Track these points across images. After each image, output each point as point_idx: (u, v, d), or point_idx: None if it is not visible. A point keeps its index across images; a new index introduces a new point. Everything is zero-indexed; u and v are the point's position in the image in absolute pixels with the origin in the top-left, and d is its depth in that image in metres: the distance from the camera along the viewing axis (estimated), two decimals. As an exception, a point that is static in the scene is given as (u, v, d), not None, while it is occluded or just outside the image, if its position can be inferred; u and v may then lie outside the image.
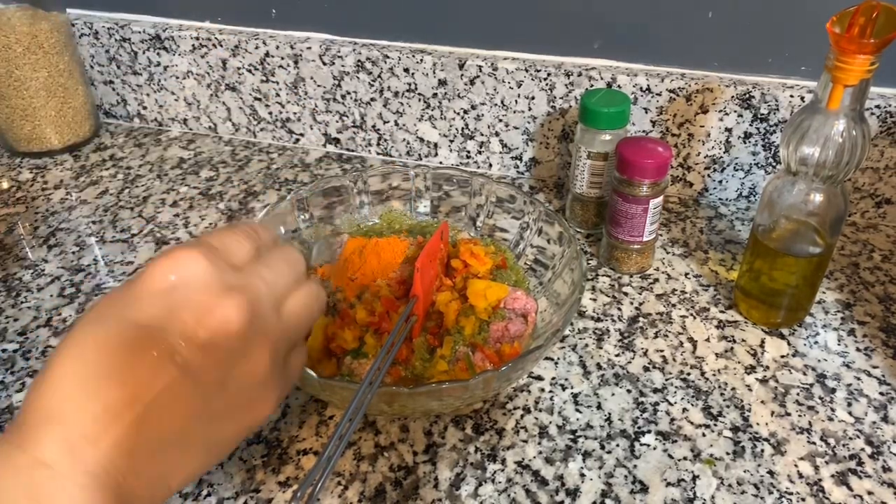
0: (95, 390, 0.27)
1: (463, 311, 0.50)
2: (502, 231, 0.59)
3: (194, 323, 0.29)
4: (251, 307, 0.30)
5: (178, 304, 0.29)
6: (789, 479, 0.44)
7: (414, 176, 0.60)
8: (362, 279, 0.53)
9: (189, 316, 0.29)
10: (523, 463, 0.45)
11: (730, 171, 0.68)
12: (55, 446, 0.26)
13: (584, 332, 0.55)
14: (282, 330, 0.33)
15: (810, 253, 0.51)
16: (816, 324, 0.56)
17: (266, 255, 0.34)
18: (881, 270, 0.61)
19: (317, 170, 0.76)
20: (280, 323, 0.33)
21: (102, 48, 0.80)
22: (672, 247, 0.64)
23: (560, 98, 0.68)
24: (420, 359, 0.48)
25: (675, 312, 0.57)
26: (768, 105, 0.64)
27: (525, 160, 0.74)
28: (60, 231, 0.67)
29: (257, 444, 0.47)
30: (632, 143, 0.56)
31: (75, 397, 0.27)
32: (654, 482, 0.44)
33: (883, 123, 0.62)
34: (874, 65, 0.42)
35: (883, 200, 0.66)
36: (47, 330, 0.56)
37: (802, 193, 0.49)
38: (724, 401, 0.49)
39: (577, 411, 0.49)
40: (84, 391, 0.27)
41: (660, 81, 0.65)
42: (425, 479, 0.44)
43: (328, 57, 0.73)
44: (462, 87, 0.70)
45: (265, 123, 0.80)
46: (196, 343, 0.29)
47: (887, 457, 0.46)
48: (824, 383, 0.51)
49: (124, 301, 0.29)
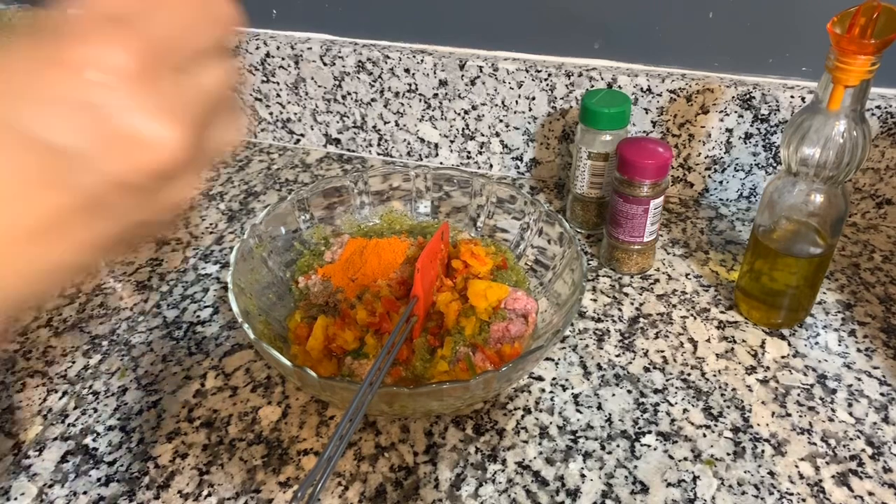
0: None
1: (463, 312, 0.50)
2: (503, 231, 0.59)
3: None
4: (143, 64, 0.23)
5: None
6: (790, 479, 0.44)
7: (414, 176, 0.60)
8: (363, 279, 0.53)
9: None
10: (524, 463, 0.45)
11: (730, 172, 0.68)
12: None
13: (585, 332, 0.55)
14: (193, 97, 0.26)
15: (811, 253, 0.51)
16: (817, 324, 0.56)
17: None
18: (882, 271, 0.61)
19: (317, 170, 0.76)
20: (189, 90, 0.26)
21: (103, 48, 0.80)
22: (672, 247, 0.64)
23: (561, 98, 0.68)
24: (420, 359, 0.48)
25: (676, 313, 0.57)
26: (769, 105, 0.64)
27: (526, 161, 0.74)
28: (61, 231, 0.67)
29: (258, 445, 0.47)
30: (632, 144, 0.56)
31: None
32: (655, 483, 0.44)
33: (883, 124, 0.62)
34: (875, 65, 0.42)
35: (883, 201, 0.66)
36: (48, 330, 0.56)
37: (803, 194, 0.49)
38: (725, 401, 0.49)
39: (578, 412, 0.49)
40: None
41: (660, 82, 0.65)
42: (426, 479, 0.44)
43: (329, 57, 0.73)
44: (463, 87, 0.70)
45: (266, 124, 0.80)
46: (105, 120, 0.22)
47: (888, 457, 0.46)
48: (825, 384, 0.51)
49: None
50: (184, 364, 0.53)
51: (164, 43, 0.24)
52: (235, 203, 0.71)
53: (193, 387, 0.51)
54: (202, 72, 0.27)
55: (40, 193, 0.22)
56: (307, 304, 0.53)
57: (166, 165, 0.24)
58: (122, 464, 0.46)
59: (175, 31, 0.25)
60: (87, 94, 0.22)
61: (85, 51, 0.22)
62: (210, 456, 0.46)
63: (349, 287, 0.53)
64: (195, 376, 0.52)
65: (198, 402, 0.50)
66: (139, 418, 0.49)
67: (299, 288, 0.55)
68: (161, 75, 0.24)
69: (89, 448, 0.47)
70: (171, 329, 0.56)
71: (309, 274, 0.55)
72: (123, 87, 0.23)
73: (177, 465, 0.45)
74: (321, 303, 0.53)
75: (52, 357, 0.53)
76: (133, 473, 0.45)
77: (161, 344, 0.55)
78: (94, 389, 0.51)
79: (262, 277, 0.53)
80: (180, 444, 0.47)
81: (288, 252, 0.57)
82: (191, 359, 0.53)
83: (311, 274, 0.55)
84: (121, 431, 0.48)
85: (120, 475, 0.45)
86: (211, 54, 0.28)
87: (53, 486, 0.44)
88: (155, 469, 0.45)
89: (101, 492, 0.44)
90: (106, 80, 0.22)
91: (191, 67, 0.26)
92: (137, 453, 0.46)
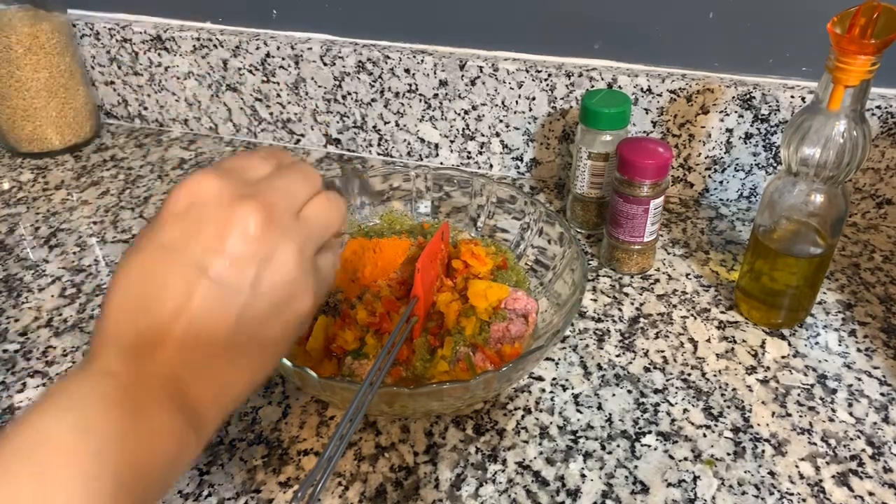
0: (143, 309, 0.30)
1: (464, 312, 0.50)
2: (503, 231, 0.59)
3: (215, 234, 0.31)
4: (266, 210, 0.32)
5: (197, 220, 0.32)
6: (790, 479, 0.44)
7: (415, 176, 0.60)
8: (363, 280, 0.53)
9: (209, 228, 0.31)
10: (524, 463, 0.45)
11: (730, 172, 0.68)
12: (116, 359, 0.29)
13: (585, 332, 0.55)
14: (304, 232, 0.34)
15: (811, 253, 0.51)
16: (817, 324, 0.56)
17: (280, 170, 0.36)
18: (882, 271, 0.61)
19: (317, 170, 0.76)
20: (301, 226, 0.34)
21: (103, 49, 0.80)
22: (673, 247, 0.64)
23: (561, 99, 0.68)
24: (421, 359, 0.48)
25: (676, 313, 0.57)
26: (769, 106, 0.64)
27: (526, 161, 0.74)
28: (61, 231, 0.67)
29: (258, 445, 0.47)
30: (632, 144, 0.56)
31: (126, 318, 0.30)
32: (655, 483, 0.44)
33: (884, 124, 0.62)
34: (875, 65, 0.42)
35: (884, 201, 0.66)
36: (48, 330, 0.56)
37: (803, 194, 0.49)
38: (725, 401, 0.49)
39: (578, 412, 0.49)
40: (133, 312, 0.30)
41: (660, 82, 0.65)
42: (426, 479, 0.44)
43: (329, 57, 0.73)
44: (463, 87, 0.70)
45: (266, 124, 0.80)
46: (220, 253, 0.31)
47: (888, 457, 0.46)
48: (825, 384, 0.51)
49: (153, 229, 0.32)
50: (184, 364, 0.53)
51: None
52: (236, 203, 0.71)
53: (194, 387, 0.51)
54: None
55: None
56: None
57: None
58: (123, 464, 0.46)
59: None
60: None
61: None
62: (210, 456, 0.46)
63: (349, 287, 0.53)
64: (195, 376, 0.52)
65: (198, 402, 0.50)
66: (139, 418, 0.49)
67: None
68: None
69: (89, 448, 0.47)
70: (172, 329, 0.56)
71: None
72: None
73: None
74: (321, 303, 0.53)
75: (52, 357, 0.54)
76: (133, 473, 0.45)
77: (161, 344, 0.54)
78: (95, 389, 0.51)
79: (263, 277, 0.53)
80: (180, 444, 0.47)
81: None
82: (191, 359, 0.53)
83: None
84: (121, 431, 0.48)
85: (120, 475, 0.45)
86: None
87: (54, 487, 0.44)
88: (155, 469, 0.45)
89: (102, 492, 0.44)
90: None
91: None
92: (138, 453, 0.46)
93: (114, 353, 0.29)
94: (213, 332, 0.31)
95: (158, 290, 0.30)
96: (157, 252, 0.31)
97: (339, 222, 0.38)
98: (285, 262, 0.33)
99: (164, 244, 0.31)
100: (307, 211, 0.35)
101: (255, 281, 0.32)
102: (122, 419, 0.27)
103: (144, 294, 0.30)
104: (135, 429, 0.27)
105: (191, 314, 0.30)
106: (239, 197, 0.32)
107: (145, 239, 0.32)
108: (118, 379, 0.28)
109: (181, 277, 0.30)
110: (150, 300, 0.30)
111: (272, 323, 0.33)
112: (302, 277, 0.34)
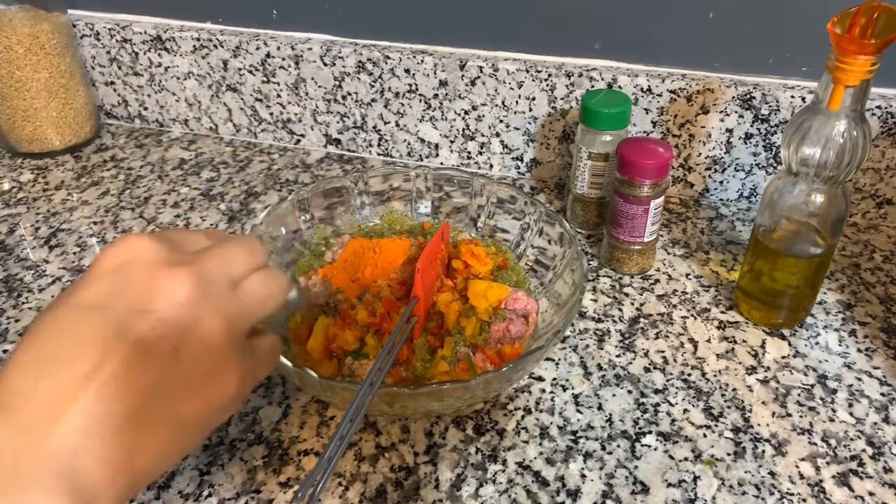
0: (47, 373, 0.27)
1: (464, 312, 0.50)
2: (503, 232, 0.59)
3: (141, 297, 0.29)
4: (199, 279, 0.30)
5: (125, 281, 0.29)
6: (790, 479, 0.44)
7: (415, 177, 0.60)
8: (363, 280, 0.53)
9: (136, 291, 0.29)
10: (524, 464, 0.45)
11: (731, 172, 0.68)
12: (9, 432, 0.26)
13: (585, 332, 0.55)
14: (237, 305, 0.32)
15: (811, 253, 0.51)
16: (817, 324, 0.56)
17: (222, 242, 0.34)
18: (882, 271, 0.61)
19: (318, 170, 0.77)
20: (234, 298, 0.32)
21: (103, 49, 0.80)
22: (673, 247, 0.64)
23: (561, 99, 0.68)
24: (421, 359, 0.48)
25: (676, 313, 0.57)
26: (769, 106, 0.64)
27: (526, 161, 0.74)
28: (62, 232, 0.67)
29: (258, 445, 0.47)
30: (633, 144, 0.56)
31: (27, 383, 0.27)
32: (655, 483, 0.44)
33: (884, 124, 0.62)
34: (875, 65, 0.42)
35: (884, 201, 0.66)
36: (48, 330, 0.56)
37: (803, 194, 0.49)
38: (725, 401, 0.49)
39: (578, 412, 0.49)
40: (35, 375, 0.27)
41: (660, 82, 0.65)
42: (426, 479, 0.44)
43: (329, 58, 0.73)
44: (463, 87, 0.70)
45: (266, 124, 0.80)
46: (144, 317, 0.29)
47: (888, 457, 0.46)
48: (825, 384, 0.51)
49: (75, 288, 0.30)
50: (184, 364, 0.53)
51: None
52: (236, 203, 0.71)
53: (194, 387, 0.51)
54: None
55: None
56: (308, 304, 0.53)
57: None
58: (123, 464, 0.46)
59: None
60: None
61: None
62: (210, 456, 0.46)
63: (349, 287, 0.53)
64: (196, 377, 0.52)
65: (198, 402, 0.50)
66: (140, 419, 0.49)
67: (300, 288, 0.55)
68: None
69: (90, 448, 0.47)
70: (172, 329, 0.56)
71: (309, 274, 0.55)
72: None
73: (177, 465, 0.45)
74: (322, 303, 0.53)
75: (53, 357, 0.53)
76: (133, 474, 0.45)
77: (161, 344, 0.54)
78: (95, 390, 0.51)
79: (263, 278, 0.53)
80: (181, 444, 0.47)
81: (288, 252, 0.57)
82: (191, 359, 0.53)
83: (312, 274, 0.55)
84: (121, 432, 0.48)
85: (120, 475, 0.45)
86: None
87: (54, 487, 0.44)
88: (155, 469, 0.45)
89: (102, 492, 0.44)
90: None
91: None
92: (138, 454, 0.46)
93: (6, 426, 0.26)
94: (123, 401, 0.28)
95: (70, 352, 0.28)
96: (76, 311, 0.29)
97: (280, 299, 0.35)
98: (210, 334, 0.30)
99: (85, 303, 0.29)
100: (245, 285, 0.33)
101: (176, 349, 0.29)
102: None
103: (52, 356, 0.28)
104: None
105: (103, 379, 0.27)
106: (173, 262, 0.30)
107: (65, 298, 0.30)
108: (13, 464, 0.26)
109: (99, 338, 0.28)
110: (58, 362, 0.27)
111: (191, 398, 0.30)
112: (229, 354, 0.31)
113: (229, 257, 0.33)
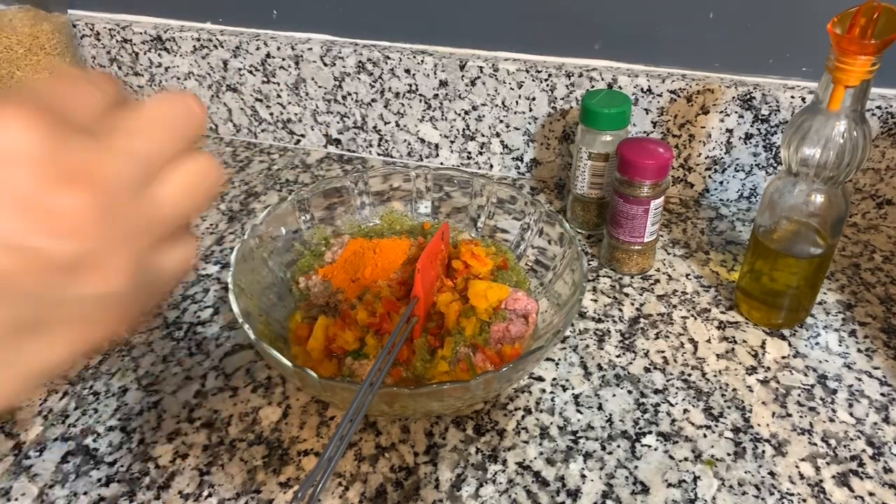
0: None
1: (464, 312, 0.50)
2: (503, 232, 0.59)
3: (15, 222, 0.20)
4: (100, 202, 0.21)
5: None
6: (790, 479, 0.44)
7: (415, 177, 0.60)
8: (363, 280, 0.53)
9: (8, 213, 0.20)
10: (524, 464, 0.45)
11: (731, 172, 0.68)
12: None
13: (585, 332, 0.55)
14: (149, 223, 0.24)
15: (811, 254, 0.51)
16: (817, 325, 0.56)
17: (134, 110, 0.25)
18: (882, 271, 0.61)
19: (318, 171, 0.77)
20: (147, 214, 0.23)
21: (104, 49, 0.80)
22: (673, 248, 0.64)
23: (561, 99, 0.68)
24: (421, 359, 0.48)
25: (676, 313, 0.57)
26: (769, 106, 0.64)
27: (526, 161, 0.74)
28: (62, 232, 0.67)
29: (258, 445, 0.47)
30: (633, 144, 0.56)
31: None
32: (655, 483, 0.44)
33: (884, 124, 0.62)
34: (875, 66, 0.42)
35: (884, 201, 0.66)
36: (48, 331, 0.56)
37: (803, 194, 0.49)
38: (725, 402, 0.49)
39: (578, 412, 0.49)
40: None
41: (661, 82, 0.65)
42: (426, 479, 0.44)
43: (329, 58, 0.73)
44: (463, 87, 0.70)
45: (266, 124, 0.80)
46: (15, 247, 0.20)
47: (888, 458, 0.46)
48: (825, 384, 0.51)
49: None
50: (184, 364, 0.53)
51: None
52: (236, 203, 0.71)
53: (194, 387, 0.51)
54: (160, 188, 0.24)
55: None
56: (308, 304, 0.53)
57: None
58: (123, 464, 0.46)
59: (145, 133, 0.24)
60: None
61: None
62: (210, 456, 0.46)
63: (349, 287, 0.53)
64: (195, 377, 0.52)
65: (198, 402, 0.50)
66: (140, 419, 0.49)
67: (300, 288, 0.55)
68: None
69: (90, 448, 0.47)
70: (172, 329, 0.56)
71: (309, 274, 0.55)
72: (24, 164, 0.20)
73: (177, 465, 0.46)
74: (322, 303, 0.53)
75: (53, 357, 0.53)
76: (133, 474, 0.45)
77: (161, 344, 0.55)
78: (95, 390, 0.51)
79: (263, 278, 0.53)
80: (181, 444, 0.47)
81: (288, 252, 0.57)
82: (191, 359, 0.53)
83: (312, 274, 0.55)
84: (121, 432, 0.48)
85: (120, 476, 0.45)
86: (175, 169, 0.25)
87: (54, 487, 0.44)
88: (155, 469, 0.45)
89: (102, 492, 0.44)
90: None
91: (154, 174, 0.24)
92: (138, 454, 0.46)
93: None
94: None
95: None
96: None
97: (212, 196, 0.26)
98: (104, 277, 0.22)
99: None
100: (165, 189, 0.24)
101: (52, 293, 0.21)
102: None
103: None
104: None
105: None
106: (64, 172, 0.21)
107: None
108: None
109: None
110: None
111: (50, 344, 0.23)
112: (121, 295, 0.23)
113: (145, 145, 0.24)
